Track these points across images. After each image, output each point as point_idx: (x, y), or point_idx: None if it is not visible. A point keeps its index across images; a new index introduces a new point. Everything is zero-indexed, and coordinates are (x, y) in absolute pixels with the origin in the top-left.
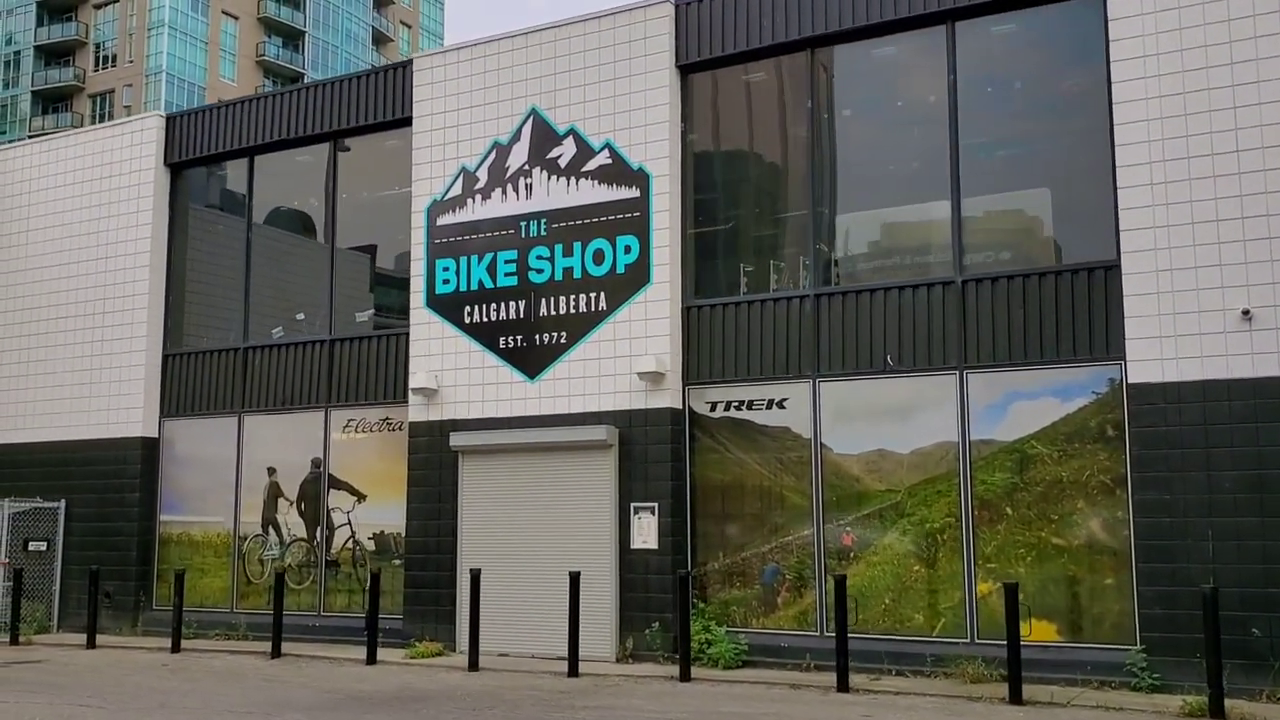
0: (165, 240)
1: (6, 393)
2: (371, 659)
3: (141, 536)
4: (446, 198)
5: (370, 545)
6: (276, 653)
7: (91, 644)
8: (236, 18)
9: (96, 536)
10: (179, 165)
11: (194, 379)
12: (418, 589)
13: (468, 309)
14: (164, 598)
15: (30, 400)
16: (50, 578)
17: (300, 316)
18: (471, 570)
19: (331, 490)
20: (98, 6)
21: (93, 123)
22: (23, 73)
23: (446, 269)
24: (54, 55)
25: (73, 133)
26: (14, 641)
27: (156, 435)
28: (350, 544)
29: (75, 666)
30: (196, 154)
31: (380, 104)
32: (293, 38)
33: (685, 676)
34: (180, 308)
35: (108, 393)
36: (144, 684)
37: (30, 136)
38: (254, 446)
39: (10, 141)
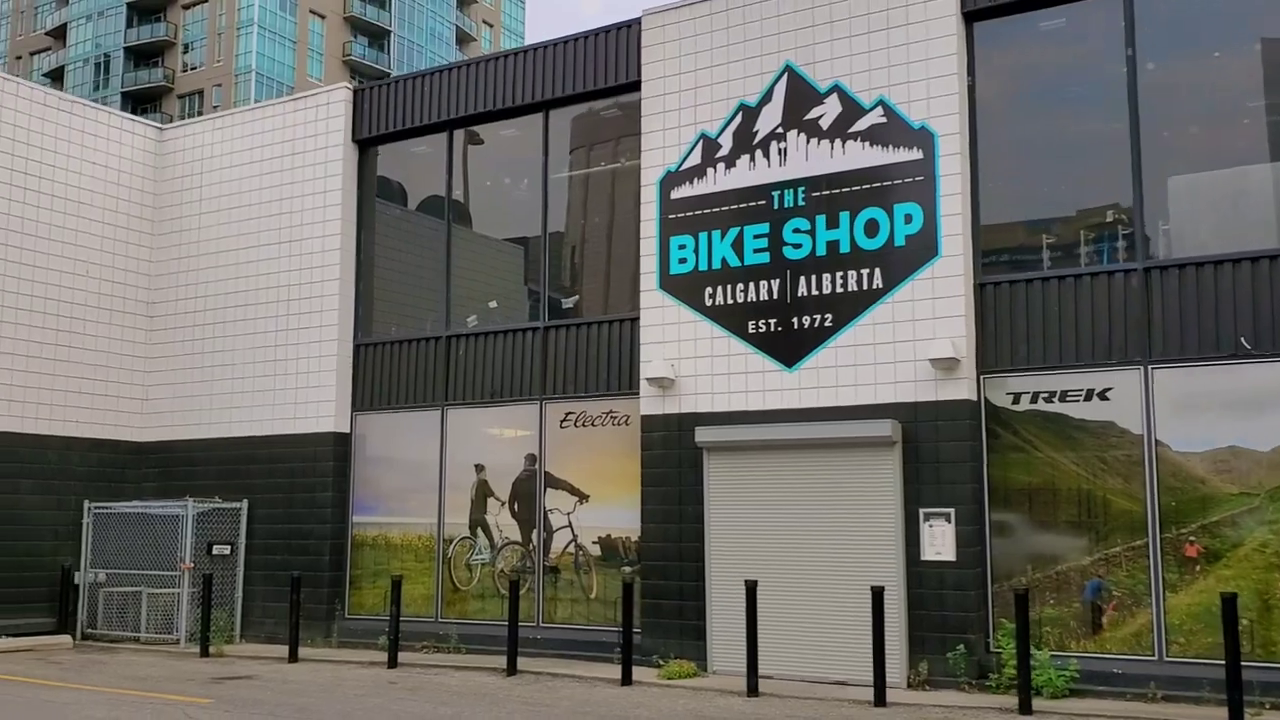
0: (355, 222)
1: (180, 385)
2: (626, 679)
3: (334, 539)
4: (683, 168)
5: (595, 550)
6: (512, 669)
7: (294, 657)
8: (324, 17)
9: (283, 539)
10: (368, 141)
11: (389, 370)
12: (658, 600)
13: (709, 290)
14: (358, 606)
15: (207, 394)
16: (233, 584)
17: (493, 304)
18: (746, 582)
19: (549, 489)
20: (186, 6)
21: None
22: (112, 74)
23: (683, 246)
24: (143, 56)
25: (251, 108)
26: (204, 653)
27: (348, 430)
28: (572, 548)
29: (296, 685)
30: (388, 129)
31: (600, 68)
32: (378, 37)
33: (1026, 709)
34: (370, 294)
35: (294, 385)
36: (393, 708)
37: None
38: (459, 442)
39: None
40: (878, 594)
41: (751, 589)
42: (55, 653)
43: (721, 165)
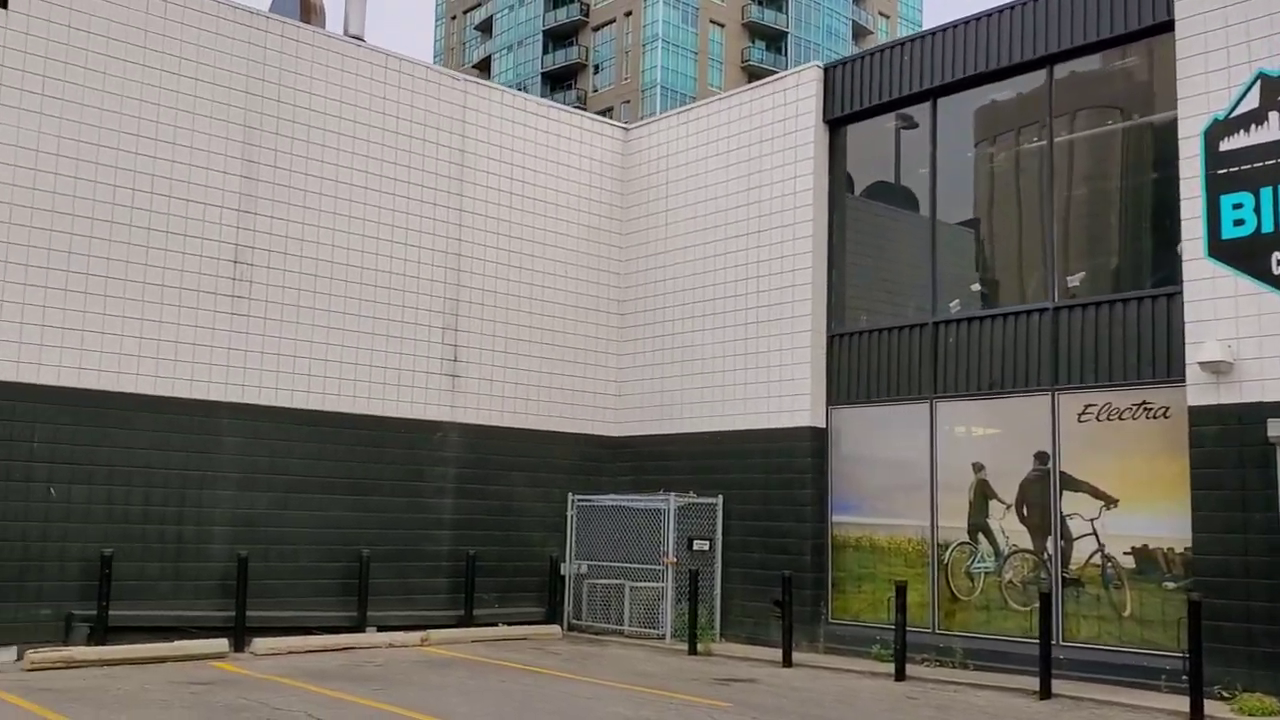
0: (826, 206)
1: (651, 381)
2: (1197, 712)
3: (814, 539)
4: (1234, 114)
5: (1128, 563)
6: (1045, 692)
7: (788, 661)
8: (723, 25)
9: (759, 536)
10: (838, 121)
11: (867, 361)
12: (1217, 622)
13: (1277, 256)
14: (842, 610)
15: (677, 389)
16: (711, 580)
17: (975, 288)
18: None
19: (1065, 492)
20: (596, 28)
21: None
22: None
23: (1238, 206)
24: (558, 80)
25: (717, 98)
26: (692, 651)
27: (824, 425)
28: (1097, 559)
29: (805, 692)
30: (861, 105)
31: (1118, 12)
32: (775, 40)
33: None
34: (842, 282)
35: (766, 379)
36: None
37: None
38: (950, 438)
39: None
40: None
41: None
42: (548, 642)
43: None
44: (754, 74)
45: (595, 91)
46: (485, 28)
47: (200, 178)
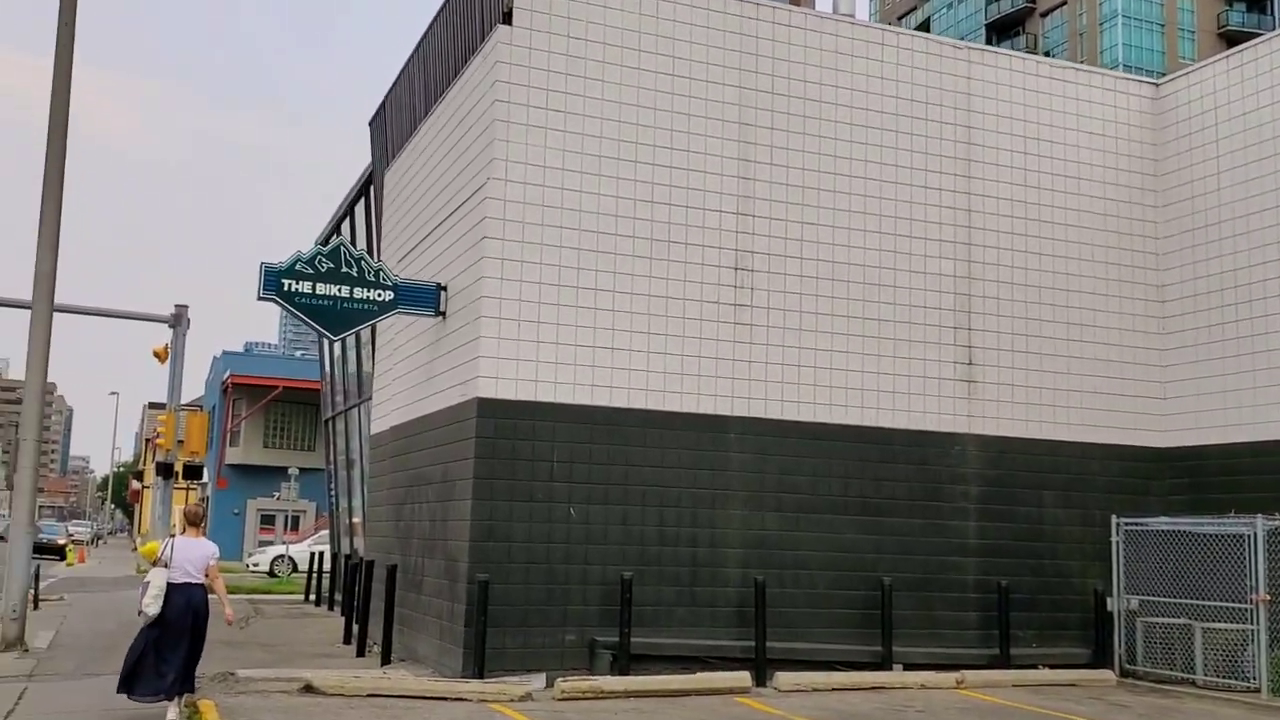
0: None
1: (1205, 380)
2: None
3: None
4: None
5: None
6: None
7: None
8: None
9: None
10: None
11: None
12: None
13: None
14: None
15: (1247, 388)
16: None
17: None
18: None
19: None
20: (1044, 14)
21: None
22: None
23: None
24: None
25: (1269, 36)
26: None
27: None
28: None
29: None
30: None
31: None
32: (1257, 0)
33: None
34: None
35: None
36: None
37: None
38: None
39: None
40: None
41: None
42: (1104, 691)
43: None
44: (1233, 40)
45: None
46: (924, 28)
47: (698, 181)
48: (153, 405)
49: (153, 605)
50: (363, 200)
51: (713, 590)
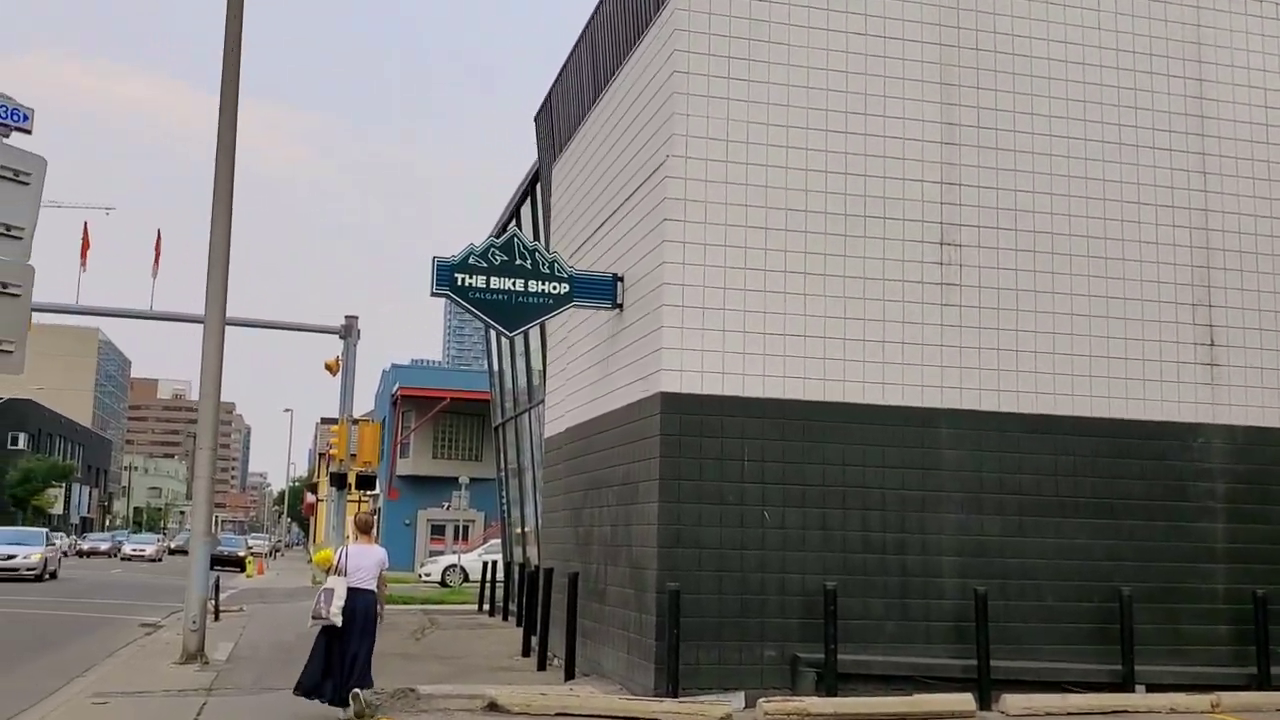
0: None
1: None
2: None
3: None
4: None
5: None
6: None
7: None
8: None
9: None
10: None
11: None
12: None
13: None
14: None
15: None
16: None
17: None
18: None
19: None
20: None
21: None
22: None
23: None
24: None
25: None
26: None
27: None
28: None
29: None
30: None
31: None
32: None
33: None
34: None
35: None
36: None
37: None
38: None
39: None
40: None
41: None
42: None
43: None
44: None
45: None
46: None
47: (896, 149)
48: (325, 420)
49: (337, 616)
50: (528, 201)
51: (925, 603)
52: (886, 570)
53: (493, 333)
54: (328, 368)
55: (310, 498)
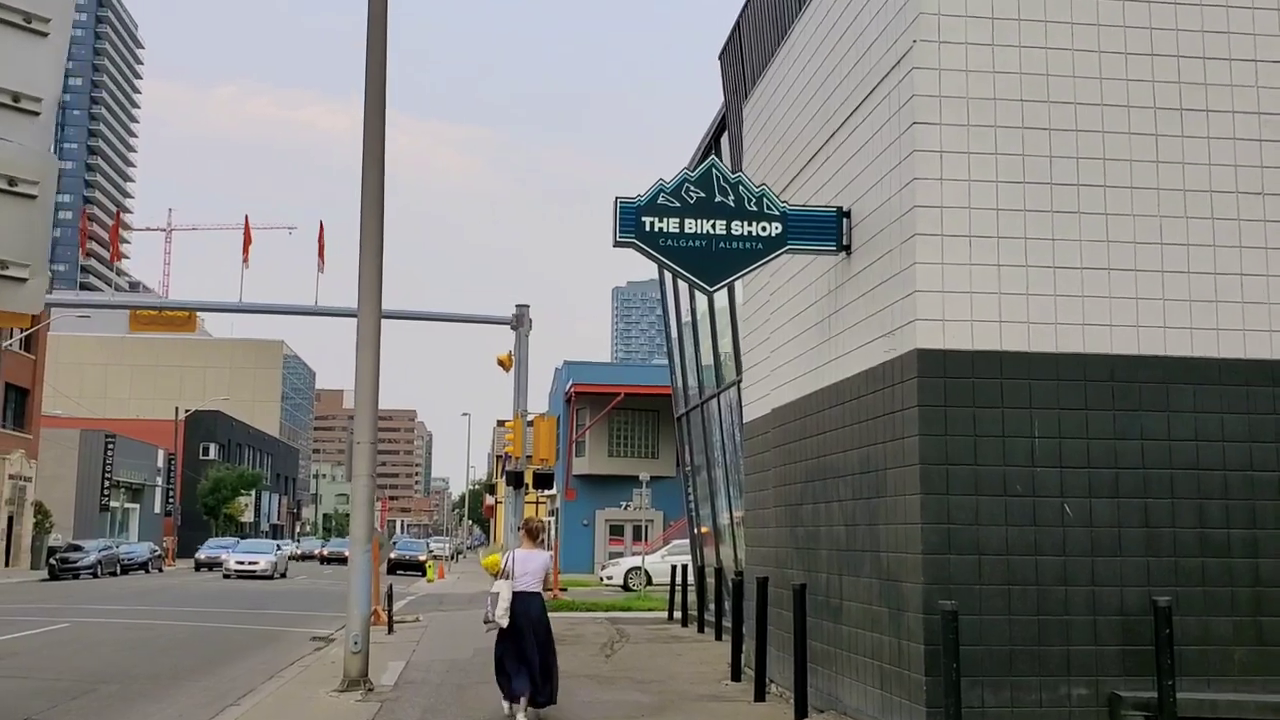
0: None
1: None
2: None
3: None
4: None
5: None
6: None
7: None
8: None
9: None
10: None
11: None
12: None
13: None
14: None
15: None
16: None
17: None
18: None
19: None
20: None
21: None
22: None
23: None
24: None
25: None
26: None
27: None
28: None
29: None
30: None
31: None
32: None
33: None
34: None
35: None
36: None
37: None
38: None
39: None
40: None
41: None
42: None
43: None
44: None
45: None
46: None
47: (1218, 19)
48: (500, 423)
49: (504, 618)
50: (713, 152)
51: None
52: (1234, 578)
53: (670, 304)
54: (500, 363)
55: (489, 499)
